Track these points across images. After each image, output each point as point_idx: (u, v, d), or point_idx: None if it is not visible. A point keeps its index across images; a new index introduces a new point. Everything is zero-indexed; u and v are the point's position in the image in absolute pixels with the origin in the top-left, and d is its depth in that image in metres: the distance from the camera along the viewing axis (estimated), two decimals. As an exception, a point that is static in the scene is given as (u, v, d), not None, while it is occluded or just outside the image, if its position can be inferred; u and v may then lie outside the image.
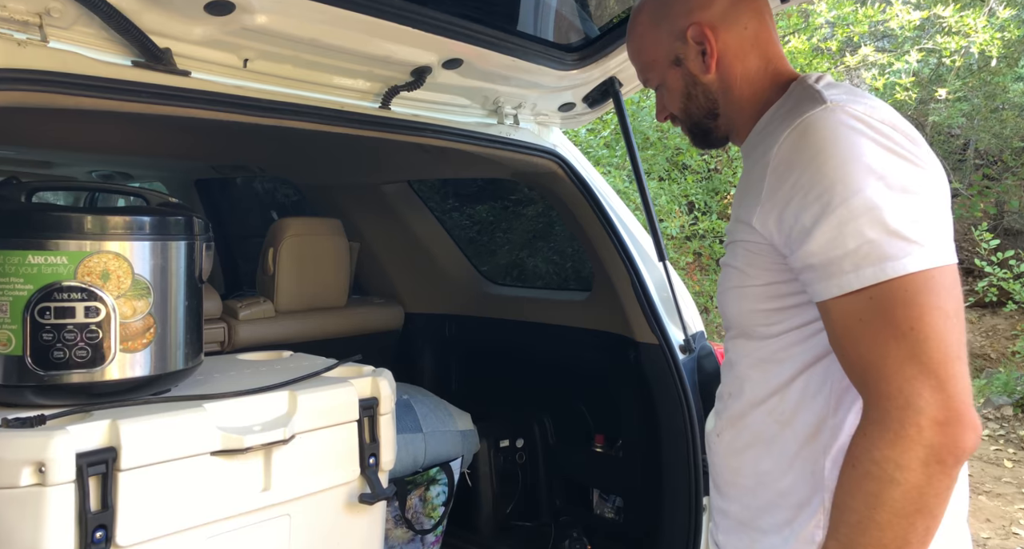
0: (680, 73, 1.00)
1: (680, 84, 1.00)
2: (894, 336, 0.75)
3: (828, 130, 0.81)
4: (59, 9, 0.99)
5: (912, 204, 0.77)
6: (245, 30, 1.14)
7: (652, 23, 1.01)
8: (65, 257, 1.06)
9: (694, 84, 0.99)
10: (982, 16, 5.90)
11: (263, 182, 3.12)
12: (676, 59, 0.99)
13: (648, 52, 1.02)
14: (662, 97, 1.05)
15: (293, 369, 1.39)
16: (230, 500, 1.13)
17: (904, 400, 0.73)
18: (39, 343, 1.05)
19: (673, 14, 0.99)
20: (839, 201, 0.77)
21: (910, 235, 0.75)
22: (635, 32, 1.04)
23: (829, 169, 0.79)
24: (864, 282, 0.76)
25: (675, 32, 0.98)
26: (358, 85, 1.42)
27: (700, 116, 1.02)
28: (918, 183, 0.79)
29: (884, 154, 0.79)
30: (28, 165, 2.55)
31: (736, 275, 0.93)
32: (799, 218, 0.80)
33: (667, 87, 1.02)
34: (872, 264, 0.76)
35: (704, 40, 0.96)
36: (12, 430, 0.97)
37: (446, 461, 1.94)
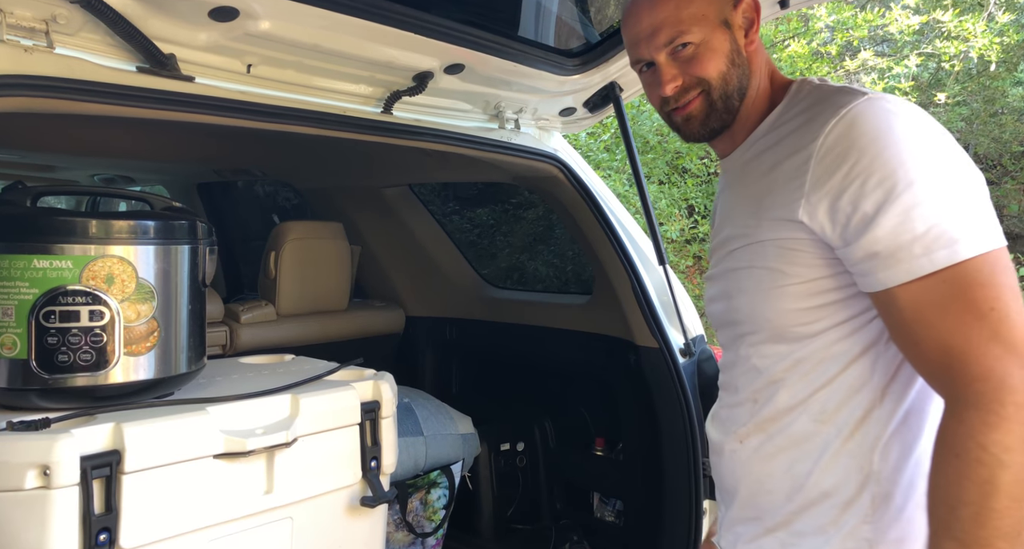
0: (728, 37, 0.93)
1: (727, 46, 0.93)
2: (976, 317, 0.74)
3: (879, 119, 0.81)
4: (65, 16, 1.00)
5: (970, 188, 0.79)
6: (248, 36, 1.15)
7: None
8: (70, 261, 1.07)
9: (736, 54, 0.94)
10: (981, 21, 5.92)
11: (265, 186, 3.13)
12: (726, 22, 0.93)
13: (696, 5, 0.92)
14: (686, 60, 0.93)
15: (295, 372, 1.39)
16: (233, 503, 1.14)
17: (998, 380, 0.72)
18: (44, 347, 1.06)
19: None
20: (903, 186, 0.77)
21: (975, 218, 0.77)
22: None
23: (889, 155, 0.78)
24: (938, 265, 0.75)
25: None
26: (360, 90, 1.43)
27: (734, 89, 0.94)
28: (969, 170, 0.81)
29: (936, 141, 0.80)
30: (31, 169, 2.56)
31: (768, 276, 0.89)
32: (859, 206, 0.79)
33: (709, 46, 0.92)
34: (944, 247, 0.75)
35: (754, 15, 0.95)
36: (17, 433, 0.98)
37: (447, 464, 1.94)
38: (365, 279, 2.53)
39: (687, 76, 0.94)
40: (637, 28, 0.95)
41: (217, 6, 1.07)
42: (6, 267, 1.06)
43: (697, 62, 0.93)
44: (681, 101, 0.95)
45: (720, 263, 0.99)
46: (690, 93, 0.94)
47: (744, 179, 0.97)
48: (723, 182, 1.06)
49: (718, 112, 0.95)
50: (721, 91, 0.94)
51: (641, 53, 0.96)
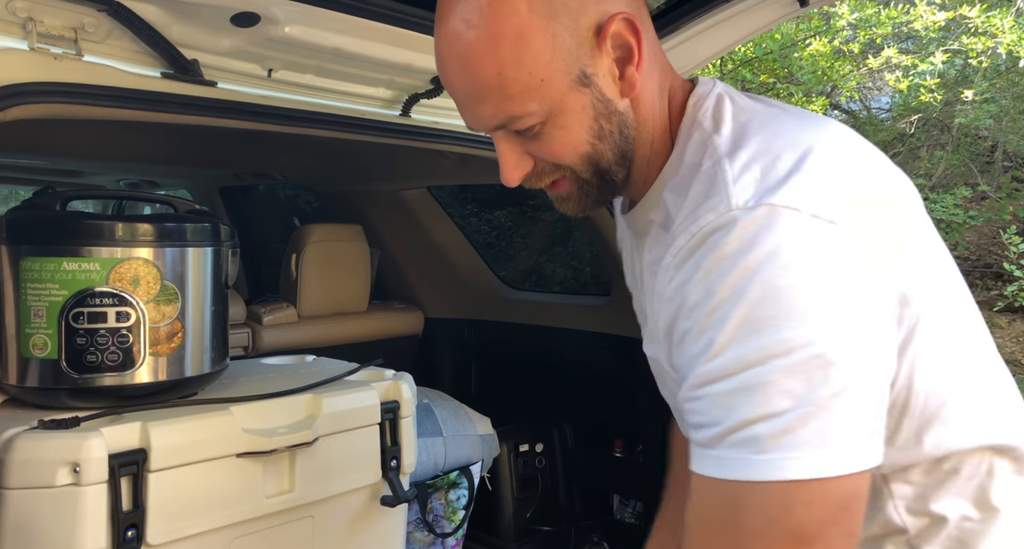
0: (589, 98, 0.62)
1: (588, 115, 0.63)
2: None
3: (724, 258, 0.56)
4: (93, 24, 1.03)
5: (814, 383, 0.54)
6: (270, 41, 1.17)
7: (540, 7, 0.59)
8: (98, 263, 1.09)
9: (608, 114, 0.64)
10: (1009, 16, 5.80)
11: (286, 189, 3.17)
12: (582, 75, 0.62)
13: (532, 64, 0.60)
14: (531, 137, 0.64)
15: (316, 373, 1.41)
16: (255, 501, 1.15)
17: None
18: (73, 347, 1.09)
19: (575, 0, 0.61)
20: (713, 356, 0.57)
21: (805, 426, 0.54)
22: (500, 26, 0.59)
23: (713, 309, 0.57)
24: (718, 472, 0.57)
25: (584, 27, 0.61)
26: (379, 93, 1.44)
27: (611, 161, 0.66)
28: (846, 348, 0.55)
29: (791, 298, 0.54)
30: (61, 175, 2.62)
31: None
32: (681, 361, 0.61)
33: (559, 124, 0.63)
34: (738, 451, 0.56)
35: (633, 41, 0.62)
36: (48, 431, 1.00)
37: (466, 465, 1.95)
38: (385, 281, 2.55)
39: (538, 161, 0.67)
40: (452, 93, 0.66)
41: (239, 12, 1.09)
42: (37, 269, 1.08)
43: (546, 145, 0.65)
44: (538, 186, 0.69)
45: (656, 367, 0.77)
46: (547, 177, 0.68)
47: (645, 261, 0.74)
48: (630, 243, 0.81)
49: (596, 193, 0.69)
50: (592, 173, 0.67)
51: (469, 125, 0.67)
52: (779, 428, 0.53)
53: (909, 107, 6.68)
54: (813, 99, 6.29)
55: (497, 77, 0.61)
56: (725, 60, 6.32)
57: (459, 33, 0.61)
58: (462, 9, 0.61)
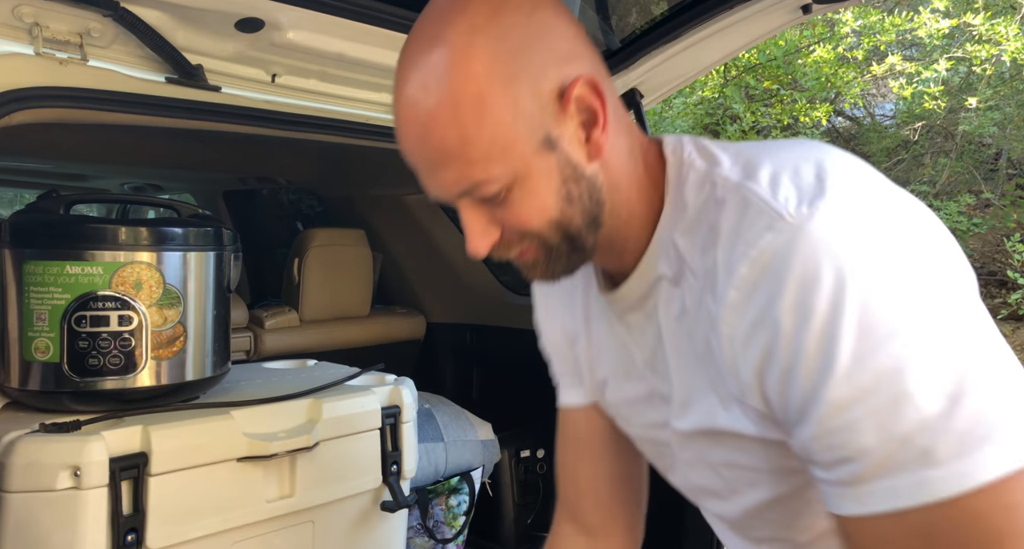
0: (555, 162, 0.60)
1: (555, 179, 0.61)
2: None
3: (810, 266, 0.52)
4: (99, 29, 1.03)
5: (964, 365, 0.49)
6: (274, 46, 1.18)
7: (501, 72, 0.57)
8: (101, 267, 1.09)
9: (576, 178, 0.61)
10: (1014, 24, 5.80)
11: (289, 194, 3.18)
12: (547, 139, 0.59)
13: (494, 129, 0.57)
14: (495, 204, 0.61)
15: (317, 377, 1.41)
16: (255, 506, 1.15)
17: None
18: (75, 351, 1.09)
19: (540, 57, 0.58)
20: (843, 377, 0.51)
21: (968, 425, 0.48)
22: (460, 92, 0.57)
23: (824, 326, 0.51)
24: (891, 505, 0.51)
25: (546, 90, 0.59)
26: (382, 98, 1.45)
27: (582, 225, 0.63)
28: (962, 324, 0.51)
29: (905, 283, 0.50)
30: (65, 178, 2.63)
31: None
32: (791, 396, 0.55)
33: (526, 189, 0.60)
34: (909, 473, 0.49)
35: (597, 104, 0.60)
36: (49, 435, 1.00)
37: (467, 470, 1.95)
38: (387, 285, 2.56)
39: (505, 230, 0.64)
40: (412, 162, 0.63)
41: (243, 17, 1.10)
42: (40, 273, 1.09)
43: (512, 211, 0.62)
44: (505, 256, 0.66)
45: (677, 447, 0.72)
46: (515, 247, 0.65)
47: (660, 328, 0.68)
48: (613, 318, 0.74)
49: (565, 259, 0.66)
50: (561, 238, 0.64)
51: (429, 195, 0.64)
52: (947, 431, 0.48)
53: (913, 114, 6.68)
54: (817, 105, 6.30)
55: (459, 142, 0.58)
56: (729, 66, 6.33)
57: (417, 99, 0.58)
58: (420, 76, 0.58)
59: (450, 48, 0.57)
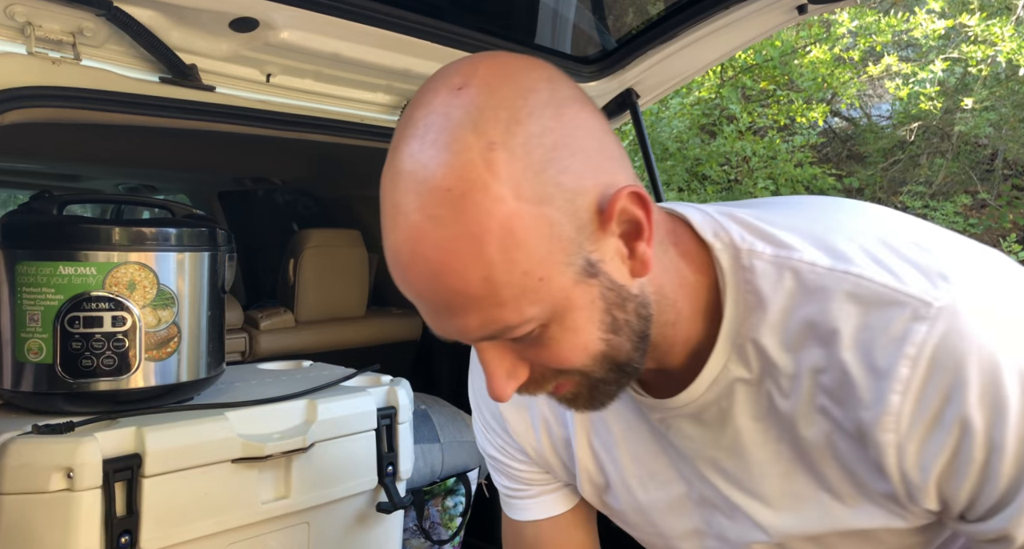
0: (598, 288, 0.51)
1: (599, 308, 0.52)
2: None
3: (986, 354, 0.49)
4: (92, 28, 1.03)
5: None
6: (268, 46, 1.17)
7: (528, 192, 0.47)
8: (94, 268, 1.09)
9: (622, 303, 0.53)
10: (1009, 24, 5.82)
11: (284, 194, 3.17)
12: (588, 264, 0.50)
13: (525, 262, 0.48)
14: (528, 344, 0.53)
15: (313, 378, 1.41)
16: (250, 507, 1.15)
17: None
18: (68, 351, 1.08)
19: (571, 175, 0.49)
20: None
21: None
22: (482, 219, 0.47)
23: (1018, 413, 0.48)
24: None
25: (584, 208, 0.50)
26: (378, 98, 1.45)
27: (629, 353, 0.55)
28: None
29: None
30: (58, 179, 2.62)
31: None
32: (988, 489, 0.51)
33: (564, 324, 0.51)
34: None
35: (642, 214, 0.51)
36: (42, 436, 1.00)
37: (464, 471, 1.94)
38: (383, 286, 2.55)
39: (535, 367, 0.54)
40: (418, 303, 0.53)
41: (238, 17, 1.09)
42: (33, 274, 1.08)
43: (549, 350, 0.53)
44: (537, 393, 0.57)
45: None
46: (549, 384, 0.56)
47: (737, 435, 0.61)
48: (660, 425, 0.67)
49: (615, 384, 0.57)
50: (608, 367, 0.55)
51: (444, 336, 0.54)
52: None
53: (909, 115, 6.70)
54: (813, 106, 6.31)
55: (484, 284, 0.47)
56: (725, 67, 6.34)
57: (425, 233, 0.47)
58: (426, 204, 0.47)
59: (465, 167, 0.46)
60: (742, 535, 0.64)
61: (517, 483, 0.83)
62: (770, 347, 0.56)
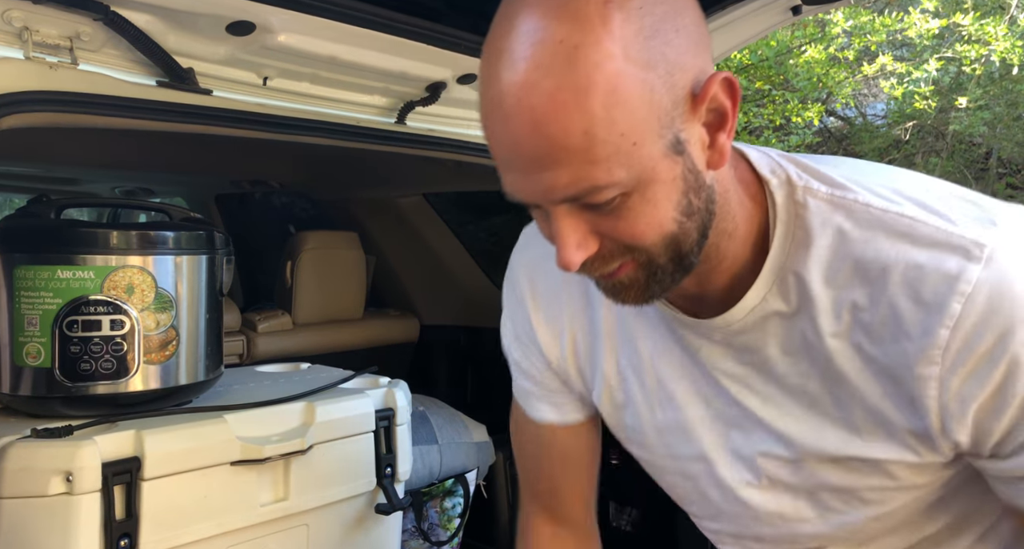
0: (681, 168, 0.53)
1: (678, 188, 0.53)
2: None
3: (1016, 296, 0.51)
4: (89, 33, 1.03)
5: None
6: (265, 49, 1.18)
7: (637, 55, 0.49)
8: (92, 271, 1.09)
9: (697, 187, 0.54)
10: (1003, 24, 5.85)
11: (281, 197, 3.17)
12: (676, 141, 0.52)
13: (625, 121, 0.49)
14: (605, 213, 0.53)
15: (311, 380, 1.41)
16: (249, 510, 1.15)
17: None
18: (67, 355, 1.08)
19: (674, 48, 0.50)
20: None
21: None
22: (592, 73, 0.48)
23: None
24: None
25: (682, 84, 0.51)
26: (374, 101, 1.45)
27: (691, 245, 0.56)
28: None
29: None
30: (56, 182, 2.62)
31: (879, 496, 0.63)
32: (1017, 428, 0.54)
33: (645, 196, 0.52)
34: None
35: (730, 105, 0.53)
36: (41, 440, 1.00)
37: (462, 473, 1.95)
38: (380, 288, 2.55)
39: (606, 240, 0.55)
40: (509, 157, 0.52)
41: (235, 20, 1.09)
42: (31, 278, 1.08)
43: (623, 222, 0.53)
44: (598, 273, 0.58)
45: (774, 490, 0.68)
46: (614, 262, 0.57)
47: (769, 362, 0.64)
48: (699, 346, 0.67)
49: (665, 282, 0.58)
50: (671, 254, 0.56)
51: (520, 195, 0.55)
52: None
53: (904, 114, 6.72)
54: (809, 105, 6.33)
55: (583, 138, 0.48)
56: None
57: (533, 82, 0.48)
58: (535, 53, 0.48)
59: (580, 21, 0.47)
60: (755, 446, 0.66)
61: (537, 385, 0.87)
62: (813, 282, 0.58)
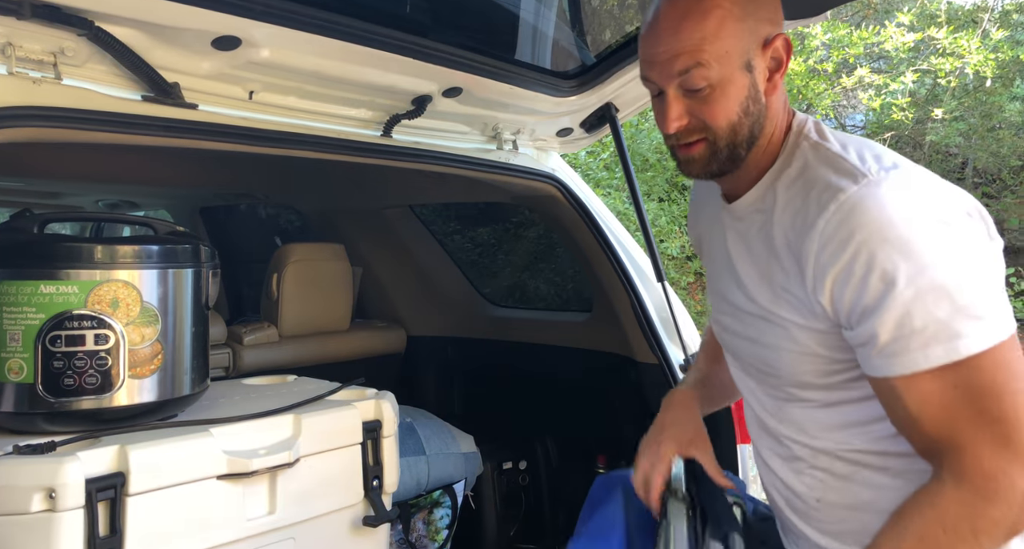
0: (748, 81, 0.85)
1: (743, 93, 0.86)
2: (983, 424, 0.74)
3: (879, 210, 0.77)
4: (73, 48, 1.03)
5: (977, 277, 0.75)
6: (251, 64, 1.18)
7: (738, 11, 0.84)
8: (76, 286, 1.08)
9: (755, 99, 0.87)
10: (976, 37, 5.99)
11: (267, 208, 3.17)
12: (748, 63, 0.85)
13: (723, 41, 0.83)
14: (697, 98, 0.86)
15: (297, 393, 1.40)
16: (236, 524, 1.14)
17: (1008, 484, 0.72)
18: (50, 371, 1.08)
19: (762, 14, 0.86)
20: (904, 281, 0.74)
21: (978, 311, 0.74)
22: (710, 12, 0.83)
23: (890, 249, 0.75)
24: (934, 362, 0.74)
25: (760, 35, 0.85)
26: (360, 114, 1.46)
27: (743, 139, 0.88)
28: (977, 253, 0.77)
29: (940, 230, 0.76)
30: (38, 196, 2.60)
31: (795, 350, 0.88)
32: (860, 299, 0.78)
33: (724, 92, 0.85)
34: (942, 342, 0.74)
35: (785, 56, 0.87)
36: (23, 457, 0.99)
37: (449, 483, 1.94)
38: (367, 299, 2.55)
39: (694, 118, 0.87)
40: (655, 50, 0.87)
41: (220, 35, 1.10)
42: (13, 293, 1.07)
43: (707, 106, 0.86)
44: (683, 140, 0.90)
45: (738, 324, 0.97)
46: (694, 135, 0.88)
47: (749, 238, 0.94)
48: (725, 225, 0.99)
49: (720, 161, 0.90)
50: (728, 141, 0.88)
51: (652, 76, 0.89)
52: (968, 316, 0.74)
53: (882, 125, 6.84)
54: (789, 117, 6.41)
55: (699, 40, 0.84)
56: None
57: (679, 3, 0.85)
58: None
59: None
60: (727, 293, 0.99)
61: None
62: (780, 193, 0.89)
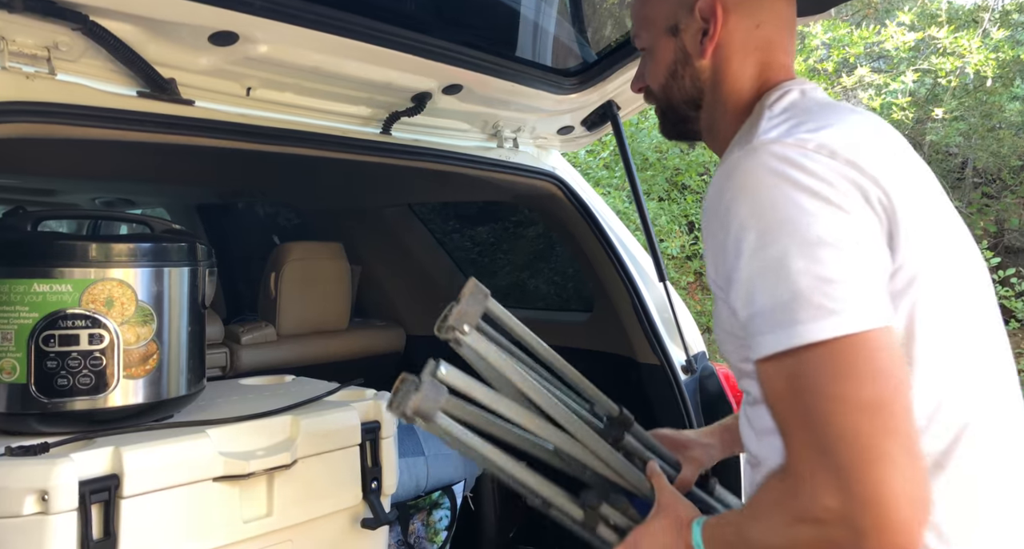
0: (673, 45, 0.88)
1: (669, 57, 0.89)
2: (804, 421, 0.65)
3: (746, 175, 0.72)
4: (67, 43, 1.01)
5: (830, 259, 0.66)
6: (248, 59, 1.17)
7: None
8: (70, 285, 1.07)
9: (684, 63, 0.88)
10: (976, 37, 5.98)
11: (265, 207, 3.15)
12: (673, 27, 0.88)
13: (648, 6, 0.90)
14: (644, 64, 0.94)
15: (295, 393, 1.39)
16: (233, 526, 1.13)
17: (809, 492, 0.64)
18: (43, 371, 1.06)
19: None
20: (748, 255, 0.69)
21: (824, 298, 0.64)
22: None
23: (741, 219, 0.70)
24: (770, 348, 0.67)
25: (690, 2, 0.86)
26: (359, 111, 1.44)
27: (679, 100, 0.91)
28: (840, 232, 0.67)
29: (804, 199, 0.68)
30: (33, 193, 2.58)
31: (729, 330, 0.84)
32: (722, 266, 0.74)
33: (654, 56, 0.91)
34: (782, 328, 0.66)
35: (711, 18, 0.85)
36: (15, 458, 0.97)
37: (448, 484, 1.93)
38: (365, 298, 2.54)
39: (642, 79, 0.96)
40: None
41: (217, 31, 1.08)
42: (6, 292, 1.06)
43: (648, 69, 0.93)
44: (647, 100, 0.97)
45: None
46: (650, 98, 0.96)
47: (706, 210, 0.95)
48: None
49: (672, 122, 0.95)
50: (665, 103, 0.93)
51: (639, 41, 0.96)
52: (810, 304, 0.66)
53: (882, 124, 6.80)
54: (789, 116, 6.41)
55: (639, 7, 0.93)
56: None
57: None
58: None
59: None
60: None
61: None
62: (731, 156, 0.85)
